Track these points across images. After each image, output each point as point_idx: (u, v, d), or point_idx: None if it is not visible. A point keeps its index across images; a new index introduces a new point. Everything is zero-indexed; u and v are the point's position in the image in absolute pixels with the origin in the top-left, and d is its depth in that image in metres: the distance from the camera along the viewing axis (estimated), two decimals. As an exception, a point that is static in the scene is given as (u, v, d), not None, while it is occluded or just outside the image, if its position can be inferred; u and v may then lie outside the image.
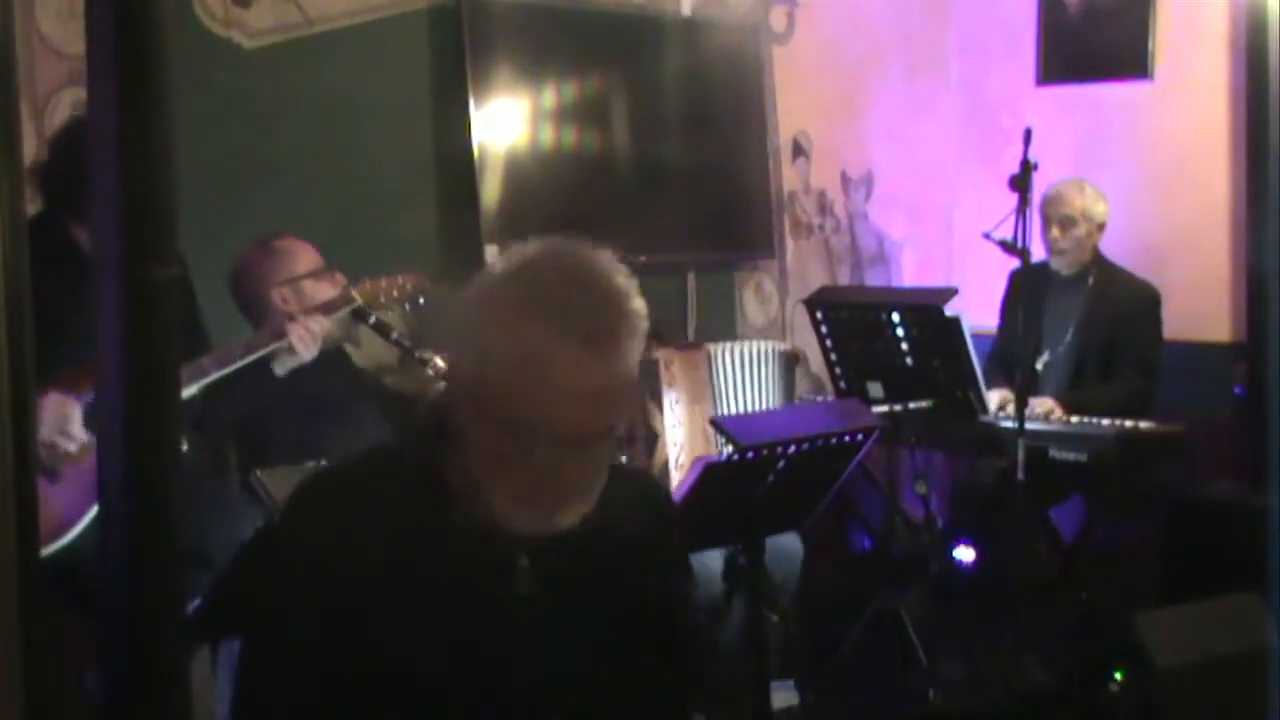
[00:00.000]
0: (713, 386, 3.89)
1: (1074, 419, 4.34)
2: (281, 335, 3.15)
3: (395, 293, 3.30)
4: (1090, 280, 4.65)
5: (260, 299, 3.34)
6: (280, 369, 3.25)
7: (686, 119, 4.87)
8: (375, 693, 1.60)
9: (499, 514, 1.56)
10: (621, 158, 4.73)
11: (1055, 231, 4.60)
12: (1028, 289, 4.30)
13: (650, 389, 3.81)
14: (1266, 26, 4.87)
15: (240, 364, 3.08)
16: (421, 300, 3.38)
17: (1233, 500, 4.47)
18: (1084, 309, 4.61)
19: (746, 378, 3.95)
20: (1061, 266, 4.65)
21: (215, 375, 3.02)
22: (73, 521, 2.79)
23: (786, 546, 3.84)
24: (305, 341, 3.16)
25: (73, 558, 2.61)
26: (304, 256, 3.38)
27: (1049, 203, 4.61)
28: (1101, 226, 4.66)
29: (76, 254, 2.88)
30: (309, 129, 4.00)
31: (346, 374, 3.54)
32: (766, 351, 4.02)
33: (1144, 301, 4.65)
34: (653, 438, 3.82)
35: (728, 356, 3.94)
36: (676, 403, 3.80)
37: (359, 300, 3.24)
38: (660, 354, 3.83)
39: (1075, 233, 4.60)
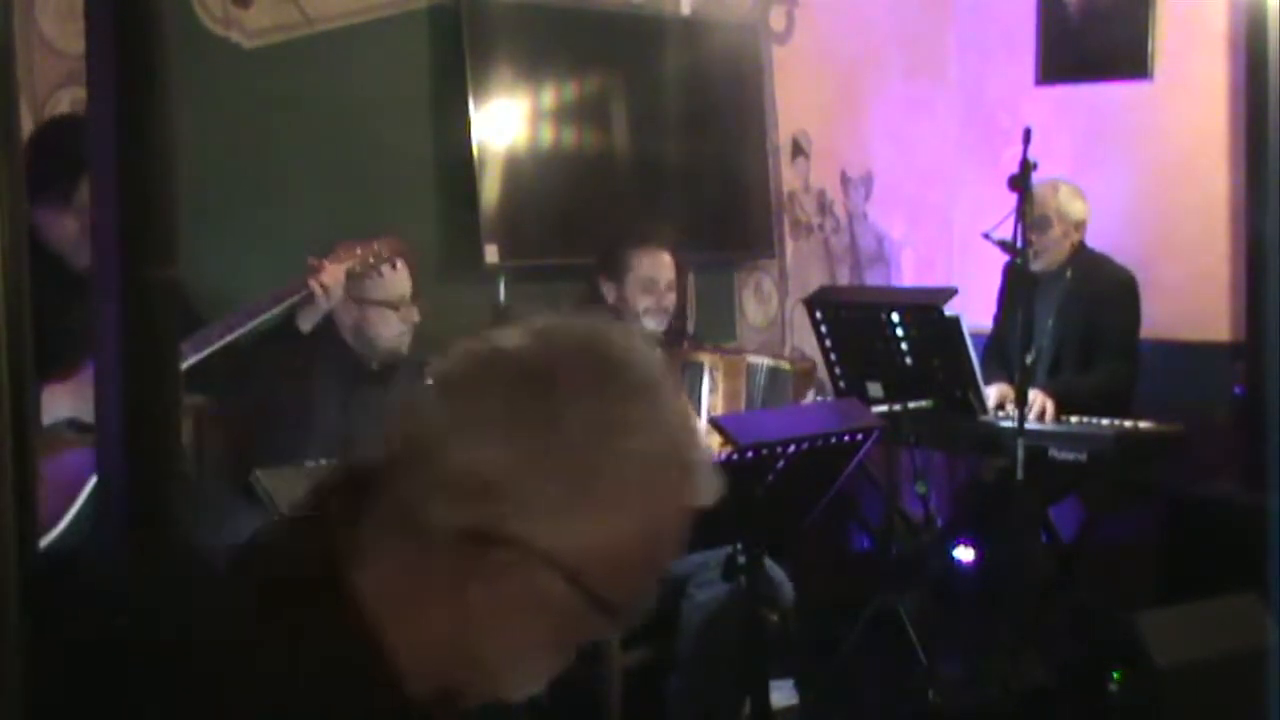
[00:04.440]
0: (748, 396, 3.92)
1: (1073, 419, 4.34)
2: (303, 287, 3.33)
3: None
4: (1068, 273, 4.65)
5: None
6: (305, 324, 3.42)
7: (686, 119, 4.87)
8: None
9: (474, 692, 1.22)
10: (621, 157, 4.73)
11: (1031, 234, 4.59)
12: (1021, 287, 4.30)
13: (691, 390, 3.89)
14: (1266, 26, 4.86)
15: (272, 313, 3.28)
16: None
17: (1232, 500, 4.48)
18: (1060, 301, 4.61)
19: (776, 394, 3.98)
20: (1038, 266, 4.64)
21: (249, 326, 3.19)
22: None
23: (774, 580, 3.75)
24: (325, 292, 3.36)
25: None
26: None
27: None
28: (1079, 225, 4.65)
29: (43, 251, 2.91)
30: (308, 129, 4.00)
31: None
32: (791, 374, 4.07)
33: (1119, 287, 4.65)
34: None
35: (764, 372, 4.00)
36: (714, 409, 3.84)
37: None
38: (706, 359, 3.92)
39: (1050, 234, 4.59)
